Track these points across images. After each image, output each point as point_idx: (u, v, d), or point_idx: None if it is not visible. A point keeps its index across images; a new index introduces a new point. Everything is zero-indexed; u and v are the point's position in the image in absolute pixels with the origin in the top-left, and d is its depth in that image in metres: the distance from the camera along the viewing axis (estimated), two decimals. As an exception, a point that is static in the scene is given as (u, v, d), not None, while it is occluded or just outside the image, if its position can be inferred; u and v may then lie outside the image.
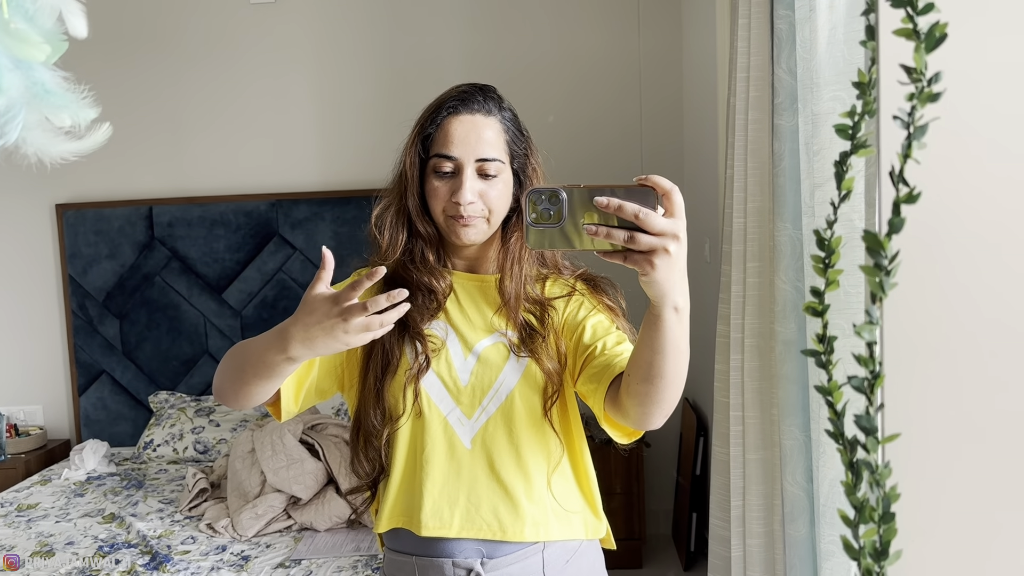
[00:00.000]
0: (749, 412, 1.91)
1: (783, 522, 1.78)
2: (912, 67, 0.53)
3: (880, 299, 0.53)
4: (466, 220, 1.18)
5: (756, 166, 1.87)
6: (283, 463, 2.60)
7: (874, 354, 0.54)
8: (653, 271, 0.86)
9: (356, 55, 3.55)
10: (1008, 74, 0.69)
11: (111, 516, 2.70)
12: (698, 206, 3.04)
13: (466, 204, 1.17)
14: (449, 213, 1.19)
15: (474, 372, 1.22)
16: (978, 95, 0.66)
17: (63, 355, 3.69)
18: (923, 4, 0.53)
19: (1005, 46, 0.69)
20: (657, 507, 3.53)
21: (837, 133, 0.62)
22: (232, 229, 3.54)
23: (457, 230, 1.19)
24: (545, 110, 3.45)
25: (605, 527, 1.30)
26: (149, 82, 3.57)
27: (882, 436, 0.56)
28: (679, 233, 0.85)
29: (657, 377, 0.98)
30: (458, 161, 1.18)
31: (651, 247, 0.84)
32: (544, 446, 1.23)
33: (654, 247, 0.84)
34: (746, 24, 1.87)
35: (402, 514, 1.25)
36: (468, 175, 1.18)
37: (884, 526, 0.57)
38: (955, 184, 0.64)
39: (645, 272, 0.86)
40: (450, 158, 1.18)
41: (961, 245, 0.65)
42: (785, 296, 1.73)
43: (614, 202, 0.84)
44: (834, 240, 0.63)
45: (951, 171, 0.64)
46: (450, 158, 1.18)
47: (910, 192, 0.52)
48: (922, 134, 0.53)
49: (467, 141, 1.18)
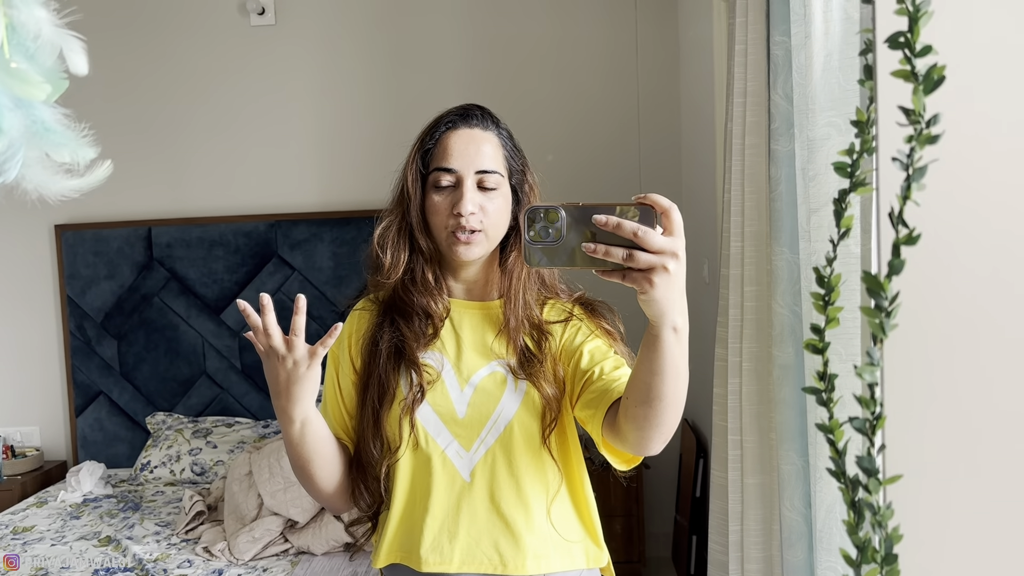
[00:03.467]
0: (747, 436, 1.90)
1: (781, 547, 1.77)
2: (911, 109, 0.53)
3: (881, 340, 0.53)
4: (467, 238, 1.18)
5: (753, 190, 1.88)
6: (280, 486, 2.59)
7: (875, 395, 0.54)
8: (652, 289, 0.85)
9: (356, 76, 3.56)
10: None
11: (107, 539, 2.68)
12: (697, 227, 3.04)
13: (467, 215, 1.16)
14: (450, 228, 1.19)
15: (471, 404, 1.21)
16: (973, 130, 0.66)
17: (60, 376, 3.68)
18: (921, 47, 0.54)
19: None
20: (657, 529, 3.51)
21: (836, 171, 0.62)
22: (231, 250, 3.54)
23: (457, 248, 1.19)
24: (544, 143, 3.46)
25: (606, 556, 1.28)
26: (149, 103, 3.58)
27: (884, 477, 0.56)
28: (678, 251, 0.85)
29: (656, 399, 0.97)
30: (458, 173, 1.19)
31: (650, 265, 0.84)
32: (543, 475, 1.22)
33: (653, 265, 0.84)
34: (743, 50, 1.88)
35: (400, 549, 1.23)
36: (468, 186, 1.18)
37: (887, 567, 0.57)
38: (951, 220, 0.64)
39: (644, 290, 0.86)
40: (450, 170, 1.19)
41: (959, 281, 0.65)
42: (782, 320, 1.73)
43: (612, 220, 0.83)
44: (834, 278, 0.63)
45: (950, 208, 0.64)
46: (450, 170, 1.19)
47: (909, 233, 0.53)
48: (921, 175, 0.53)
49: (466, 153, 1.19)
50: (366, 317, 1.29)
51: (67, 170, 0.64)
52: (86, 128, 0.64)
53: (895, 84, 0.57)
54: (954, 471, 0.66)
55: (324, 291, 3.44)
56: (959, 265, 0.66)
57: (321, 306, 3.41)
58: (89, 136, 0.63)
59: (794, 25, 1.61)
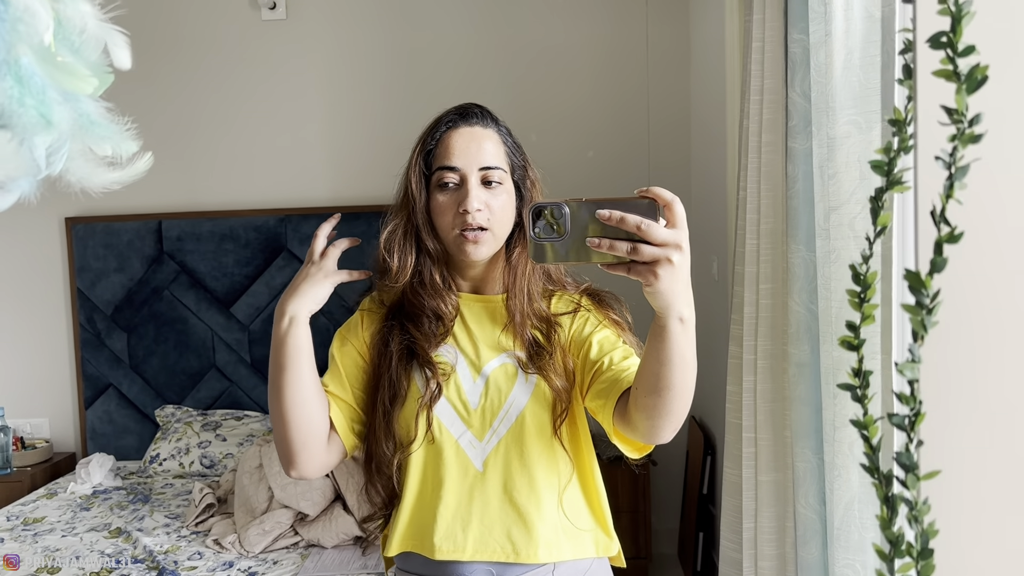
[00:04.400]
0: (762, 434, 1.91)
1: (795, 545, 1.78)
2: (953, 108, 0.54)
3: (922, 337, 0.53)
4: (475, 236, 1.18)
5: (769, 188, 1.88)
6: (291, 479, 2.60)
7: (915, 392, 0.54)
8: (657, 281, 0.86)
9: (367, 70, 3.57)
10: None
11: (117, 531, 2.70)
12: (706, 224, 3.05)
13: (473, 211, 1.17)
14: (457, 227, 1.19)
15: (483, 395, 1.22)
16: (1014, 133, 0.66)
17: (70, 368, 3.70)
18: (963, 46, 0.54)
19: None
20: (663, 526, 3.52)
21: (873, 169, 0.63)
22: (241, 244, 3.55)
23: (466, 248, 1.19)
24: (553, 142, 3.46)
25: (616, 545, 1.30)
26: (160, 96, 3.59)
27: (921, 473, 0.56)
28: (681, 243, 0.86)
29: (665, 389, 0.98)
30: (461, 172, 1.19)
31: (654, 257, 0.85)
32: (554, 465, 1.23)
33: (657, 257, 0.85)
34: (759, 47, 1.88)
35: (413, 537, 1.25)
36: (473, 184, 1.19)
37: (923, 562, 0.57)
38: (990, 217, 0.65)
39: (649, 283, 0.87)
40: (453, 168, 1.19)
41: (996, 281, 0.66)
42: (798, 318, 1.73)
43: (616, 214, 0.85)
44: (870, 275, 0.63)
45: (985, 203, 0.65)
46: (453, 168, 1.19)
47: (951, 232, 0.53)
48: (963, 174, 0.53)
49: (468, 151, 1.20)
50: (374, 318, 1.30)
51: (109, 163, 0.65)
52: (128, 121, 0.64)
53: (931, 83, 0.57)
54: (986, 467, 0.67)
55: (337, 290, 3.45)
56: (995, 262, 0.67)
57: (330, 300, 3.41)
58: (131, 130, 0.64)
59: (813, 23, 1.61)
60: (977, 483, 0.65)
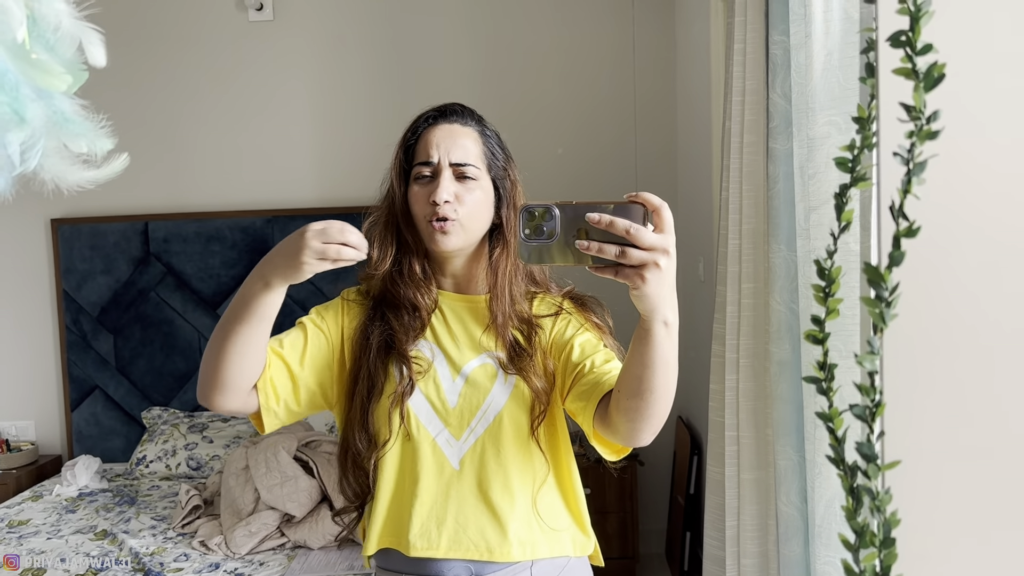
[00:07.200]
0: (744, 432, 1.92)
1: (777, 542, 1.79)
2: (911, 105, 0.55)
3: (881, 330, 0.54)
4: (443, 226, 1.20)
5: (751, 188, 1.89)
6: (277, 480, 2.60)
7: (875, 383, 0.55)
8: (644, 285, 0.88)
9: (354, 72, 3.57)
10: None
11: (103, 533, 2.69)
12: (693, 225, 3.06)
13: (441, 202, 1.19)
14: (427, 216, 1.22)
15: (462, 394, 1.24)
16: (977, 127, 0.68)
17: (56, 370, 3.68)
18: (921, 45, 0.55)
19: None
20: (651, 526, 3.53)
21: (837, 166, 0.64)
22: (228, 245, 3.55)
23: (435, 237, 1.21)
24: (541, 141, 3.47)
25: (593, 543, 1.32)
26: (146, 97, 3.58)
27: (882, 463, 0.57)
28: (669, 248, 0.87)
29: (647, 392, 1.00)
30: (436, 166, 1.23)
31: (642, 261, 0.86)
32: (530, 465, 1.25)
33: (645, 261, 0.86)
34: (741, 49, 1.90)
35: (390, 534, 1.26)
36: (445, 176, 1.21)
37: (885, 551, 0.58)
38: (952, 213, 0.66)
39: (636, 286, 0.88)
40: (428, 163, 1.23)
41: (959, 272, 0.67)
42: (780, 317, 1.75)
43: (605, 218, 0.86)
44: (834, 270, 0.65)
45: (948, 199, 0.66)
46: (428, 163, 1.23)
47: (910, 226, 0.54)
48: (921, 170, 0.54)
49: (443, 146, 1.23)
50: (356, 310, 1.31)
51: (84, 161, 0.66)
52: (103, 119, 0.65)
53: (896, 81, 0.59)
54: (946, 457, 0.68)
55: (321, 287, 3.45)
56: (956, 256, 0.68)
57: (317, 302, 3.41)
58: (106, 127, 0.64)
59: (793, 25, 1.63)
60: (938, 473, 0.66)
